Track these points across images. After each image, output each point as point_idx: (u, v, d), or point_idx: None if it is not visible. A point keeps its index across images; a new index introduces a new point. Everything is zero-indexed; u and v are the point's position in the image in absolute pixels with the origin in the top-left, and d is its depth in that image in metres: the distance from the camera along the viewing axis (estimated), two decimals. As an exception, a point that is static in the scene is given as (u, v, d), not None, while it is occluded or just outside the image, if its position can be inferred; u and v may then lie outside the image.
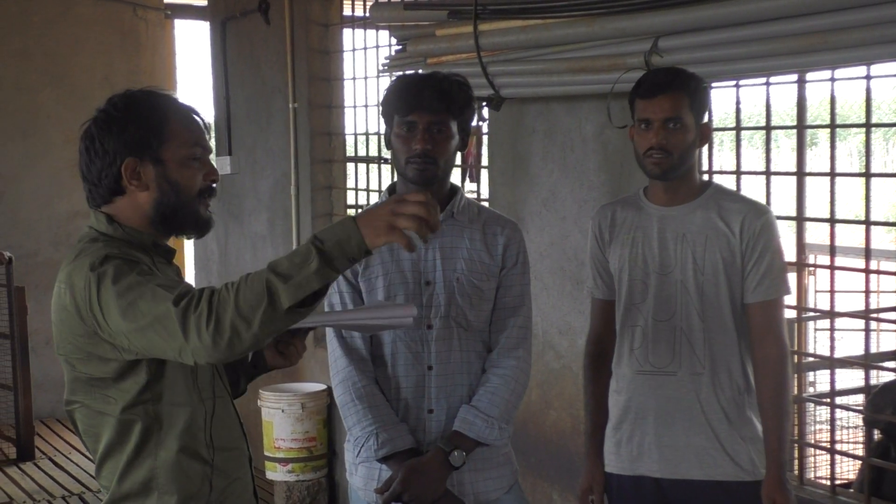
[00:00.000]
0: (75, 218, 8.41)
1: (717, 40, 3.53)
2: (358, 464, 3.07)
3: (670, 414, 3.06)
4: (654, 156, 2.99)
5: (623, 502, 3.19)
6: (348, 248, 2.07)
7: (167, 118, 2.37)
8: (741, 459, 3.03)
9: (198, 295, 2.10)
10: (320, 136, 6.31)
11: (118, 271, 2.20)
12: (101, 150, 2.34)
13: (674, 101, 2.98)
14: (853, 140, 19.43)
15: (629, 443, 3.14)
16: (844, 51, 3.21)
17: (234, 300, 2.06)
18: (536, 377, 4.58)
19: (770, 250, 3.01)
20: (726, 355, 3.04)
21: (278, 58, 6.41)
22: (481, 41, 4.35)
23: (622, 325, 3.15)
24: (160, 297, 2.13)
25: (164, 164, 2.35)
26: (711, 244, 3.02)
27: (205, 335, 2.06)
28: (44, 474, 7.06)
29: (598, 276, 3.25)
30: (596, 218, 3.25)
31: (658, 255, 3.07)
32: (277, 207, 6.63)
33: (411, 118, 2.93)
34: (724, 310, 3.02)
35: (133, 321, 2.17)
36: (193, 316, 2.08)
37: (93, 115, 2.39)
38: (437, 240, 3.01)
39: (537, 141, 4.53)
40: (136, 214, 2.38)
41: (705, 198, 3.08)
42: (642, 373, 3.10)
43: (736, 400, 3.04)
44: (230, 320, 2.06)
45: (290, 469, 6.02)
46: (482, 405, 2.98)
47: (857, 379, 5.21)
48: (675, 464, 3.06)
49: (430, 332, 2.99)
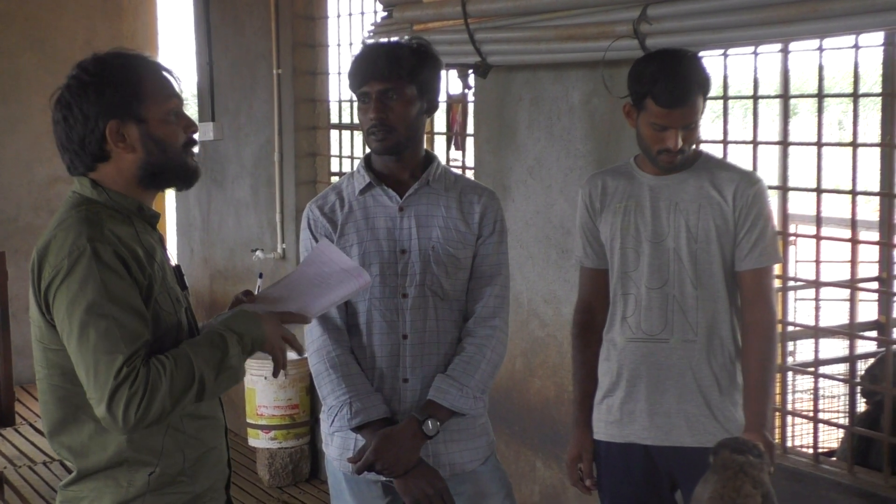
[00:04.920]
0: (56, 183, 8.34)
1: (707, 8, 3.51)
2: (332, 433, 3.06)
3: (662, 381, 3.07)
4: (669, 156, 3.01)
5: (611, 470, 3.19)
6: (256, 346, 2.38)
7: (141, 77, 2.35)
8: (732, 426, 3.03)
9: (138, 372, 2.16)
10: (304, 103, 6.26)
11: (88, 273, 2.19)
12: (81, 116, 2.30)
13: (692, 108, 2.98)
14: (832, 110, 19.49)
15: (620, 410, 3.13)
16: (834, 20, 3.20)
17: (168, 388, 2.18)
18: (520, 345, 4.57)
19: (762, 218, 3.02)
20: (718, 323, 3.05)
21: (262, 23, 6.35)
22: (469, 8, 4.31)
23: (614, 294, 3.15)
24: (112, 344, 2.17)
25: (147, 123, 2.33)
26: (705, 212, 3.03)
27: (129, 415, 2.16)
28: (24, 440, 7.03)
29: (587, 245, 3.23)
30: (586, 187, 3.23)
31: (651, 224, 3.07)
32: (261, 174, 6.59)
33: (364, 89, 2.93)
34: (717, 277, 3.04)
35: (75, 338, 2.20)
36: (128, 392, 2.15)
37: (64, 83, 2.35)
38: (412, 208, 2.99)
39: (524, 109, 4.50)
40: (122, 178, 2.35)
41: (697, 167, 3.08)
42: (634, 340, 3.10)
43: (727, 367, 3.06)
44: (156, 408, 2.17)
45: (273, 436, 6.01)
46: (457, 374, 2.95)
47: (838, 349, 5.23)
48: (666, 430, 3.07)
49: (406, 301, 2.97)
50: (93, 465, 2.33)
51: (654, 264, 3.07)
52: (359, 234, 2.99)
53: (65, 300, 2.20)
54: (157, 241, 2.40)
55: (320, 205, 3.06)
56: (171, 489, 2.36)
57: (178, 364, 2.21)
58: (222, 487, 2.53)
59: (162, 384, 2.17)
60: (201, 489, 2.42)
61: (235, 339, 2.31)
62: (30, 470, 6.45)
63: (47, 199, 8.39)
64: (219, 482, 2.50)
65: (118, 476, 2.33)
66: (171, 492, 2.36)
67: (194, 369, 2.22)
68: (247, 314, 2.39)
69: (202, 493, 2.43)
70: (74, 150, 2.34)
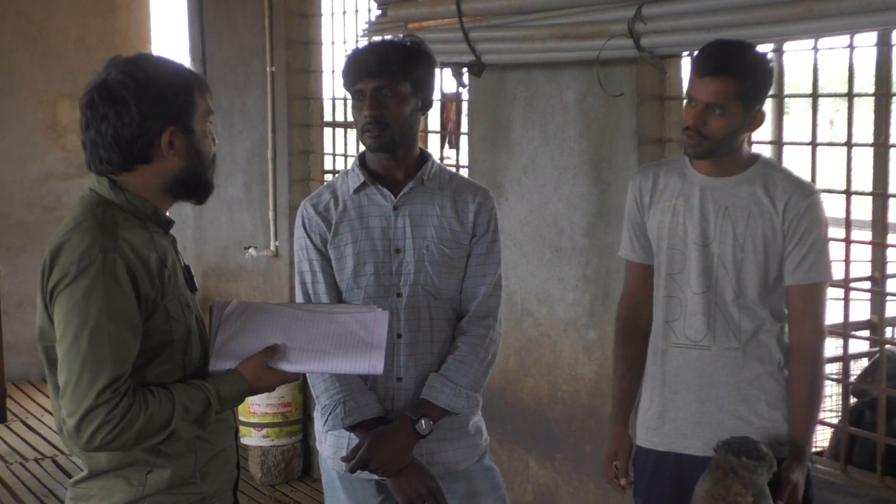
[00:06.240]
0: (49, 180, 8.31)
1: (702, 7, 3.51)
2: (326, 432, 3.05)
3: (703, 390, 2.99)
4: (690, 136, 2.91)
5: (647, 476, 3.13)
6: (236, 403, 2.42)
7: (193, 88, 2.35)
8: (776, 444, 2.91)
9: (121, 400, 2.17)
10: (298, 101, 6.25)
11: (94, 283, 2.18)
12: (139, 116, 2.27)
13: (721, 85, 2.85)
14: (823, 110, 19.53)
15: (661, 417, 3.07)
16: (829, 19, 3.19)
17: (142, 427, 2.19)
18: (514, 344, 4.56)
19: (814, 232, 2.91)
20: (762, 332, 2.96)
21: (256, 20, 6.33)
22: (463, 6, 4.30)
23: (658, 295, 3.08)
24: (100, 361, 2.17)
25: (193, 135, 2.34)
26: (754, 220, 2.92)
27: (95, 438, 2.17)
28: (16, 437, 7.02)
29: (634, 239, 3.15)
30: (637, 178, 3.14)
31: (699, 226, 2.98)
32: (254, 171, 6.58)
33: (359, 87, 2.92)
34: (760, 288, 2.94)
35: (66, 344, 2.19)
36: (103, 416, 2.16)
37: (111, 76, 2.29)
38: (407, 207, 2.99)
39: (518, 108, 4.50)
40: (152, 183, 2.35)
41: (752, 171, 2.97)
42: (677, 346, 3.03)
43: (774, 376, 2.98)
44: (123, 441, 2.19)
45: (265, 434, 6.00)
46: (450, 373, 2.95)
47: (831, 348, 5.23)
48: (706, 441, 2.95)
49: (400, 301, 2.96)
50: (104, 463, 2.33)
51: (698, 268, 2.97)
52: (353, 233, 2.99)
53: (65, 304, 2.20)
54: (169, 245, 2.41)
55: (315, 203, 3.05)
56: (181, 490, 2.37)
57: (160, 406, 2.22)
58: (230, 489, 2.53)
59: (139, 421, 2.19)
60: (210, 490, 2.43)
61: (217, 403, 2.33)
62: (21, 467, 6.43)
63: (40, 195, 8.35)
64: (227, 483, 2.51)
65: (129, 475, 2.33)
66: (181, 492, 2.37)
67: (172, 417, 2.24)
68: (239, 381, 2.39)
69: (211, 494, 2.43)
70: (117, 147, 2.30)
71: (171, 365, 2.33)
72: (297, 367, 2.46)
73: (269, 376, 2.43)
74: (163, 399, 2.23)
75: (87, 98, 2.30)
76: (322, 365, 2.52)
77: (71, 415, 2.17)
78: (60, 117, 8.42)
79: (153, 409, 2.21)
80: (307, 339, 2.49)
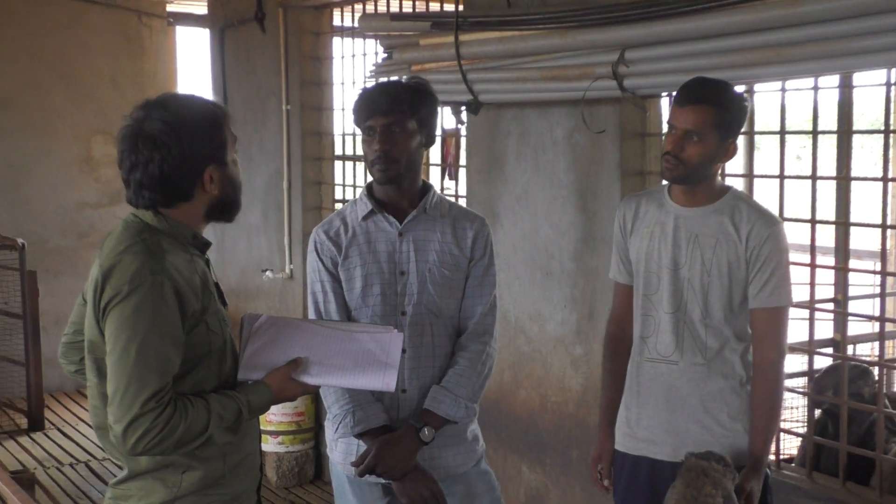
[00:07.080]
0: (83, 209, 8.32)
1: (679, 52, 3.52)
2: (336, 439, 3.05)
3: (671, 401, 3.01)
4: (668, 161, 2.92)
5: (623, 478, 3.15)
6: (262, 411, 2.43)
7: (222, 123, 2.35)
8: (737, 453, 2.93)
9: (165, 408, 2.18)
10: (311, 136, 6.27)
11: (143, 302, 2.19)
12: (181, 158, 2.26)
13: (700, 114, 2.87)
14: (790, 145, 19.57)
15: (636, 424, 3.09)
16: (796, 64, 3.22)
17: (182, 433, 2.21)
18: (508, 359, 4.56)
19: (775, 260, 2.91)
20: (725, 350, 2.97)
21: (273, 63, 6.35)
22: (462, 50, 4.32)
23: (637, 314, 3.10)
24: (146, 372, 2.18)
25: (227, 165, 2.35)
26: (721, 248, 2.94)
27: (140, 444, 2.18)
28: (53, 443, 6.99)
29: (620, 262, 3.18)
30: (622, 207, 3.17)
31: (671, 251, 3.00)
32: (271, 201, 6.58)
33: (370, 123, 2.92)
34: (725, 310, 2.95)
35: (115, 355, 2.19)
36: (148, 423, 2.17)
37: (150, 122, 2.27)
38: (411, 233, 2.99)
39: (512, 143, 4.51)
40: (191, 212, 2.35)
41: (722, 202, 2.98)
42: (650, 360, 3.05)
43: (737, 391, 2.98)
44: (165, 446, 2.20)
45: (281, 441, 5.99)
46: (450, 385, 2.95)
47: (798, 364, 5.22)
48: (674, 447, 2.99)
49: (404, 319, 2.96)
50: (143, 466, 2.34)
51: (670, 290, 2.99)
52: (362, 256, 2.99)
53: (116, 320, 2.20)
54: (206, 265, 2.41)
55: (326, 229, 3.06)
56: (212, 490, 2.38)
57: (198, 415, 2.23)
58: (254, 490, 2.54)
59: (179, 428, 2.20)
60: (238, 491, 2.44)
61: (247, 412, 2.35)
62: (58, 471, 6.41)
63: (75, 223, 8.36)
64: (252, 485, 2.52)
65: (165, 477, 2.33)
66: (212, 493, 2.38)
67: (209, 424, 2.25)
68: (266, 391, 2.40)
69: (238, 494, 2.44)
70: (161, 188, 2.29)
71: (208, 373, 2.34)
72: (318, 380, 2.47)
73: (292, 387, 2.43)
74: (200, 408, 2.25)
75: (129, 143, 2.29)
76: (340, 380, 2.52)
77: (118, 421, 2.18)
78: (94, 151, 8.43)
79: (192, 418, 2.22)
80: (328, 355, 2.49)
